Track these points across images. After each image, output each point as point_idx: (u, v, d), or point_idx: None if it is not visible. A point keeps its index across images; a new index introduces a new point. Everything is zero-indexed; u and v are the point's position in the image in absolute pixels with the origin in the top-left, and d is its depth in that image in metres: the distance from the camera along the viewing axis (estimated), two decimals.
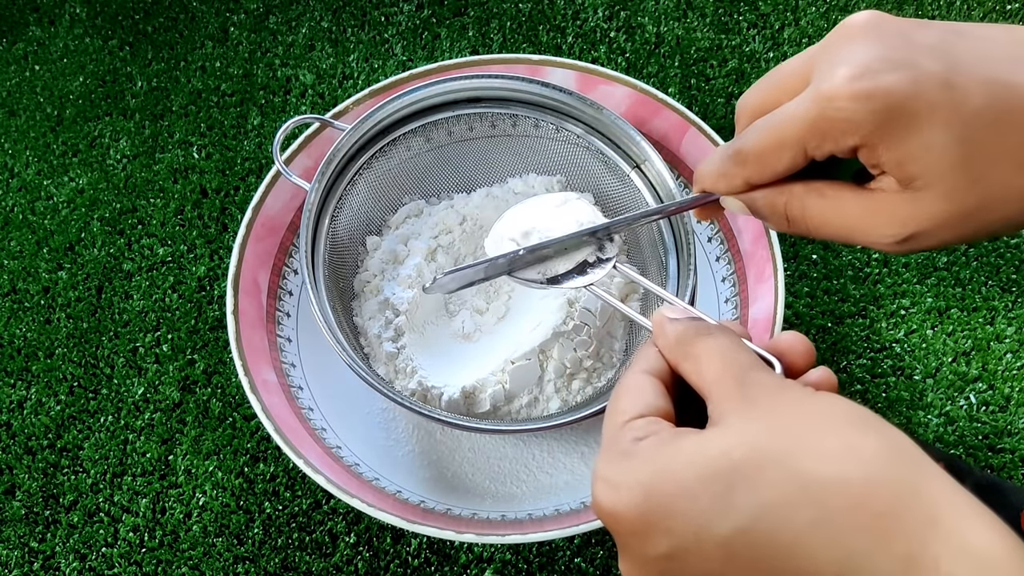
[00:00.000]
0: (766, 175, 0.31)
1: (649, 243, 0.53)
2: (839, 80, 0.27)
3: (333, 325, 0.47)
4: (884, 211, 0.29)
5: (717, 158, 0.33)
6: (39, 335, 0.59)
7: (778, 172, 0.31)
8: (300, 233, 0.48)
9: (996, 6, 0.69)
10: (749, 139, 0.31)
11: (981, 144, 0.27)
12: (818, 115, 0.28)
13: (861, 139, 0.28)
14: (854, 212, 0.30)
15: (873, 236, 0.30)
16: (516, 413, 0.50)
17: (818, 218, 0.31)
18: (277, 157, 0.49)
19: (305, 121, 0.51)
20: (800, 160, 0.30)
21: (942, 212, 0.28)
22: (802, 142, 0.29)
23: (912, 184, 0.28)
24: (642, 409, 0.29)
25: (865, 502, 0.23)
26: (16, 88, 0.69)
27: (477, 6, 0.71)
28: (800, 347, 0.30)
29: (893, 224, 0.29)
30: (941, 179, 0.27)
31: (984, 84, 0.27)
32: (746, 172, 0.32)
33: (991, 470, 0.53)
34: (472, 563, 0.51)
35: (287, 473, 0.54)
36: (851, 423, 0.25)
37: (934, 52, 0.27)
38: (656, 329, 0.31)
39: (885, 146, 0.27)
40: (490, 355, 0.51)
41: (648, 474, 0.26)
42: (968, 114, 0.27)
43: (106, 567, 0.52)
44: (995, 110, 0.27)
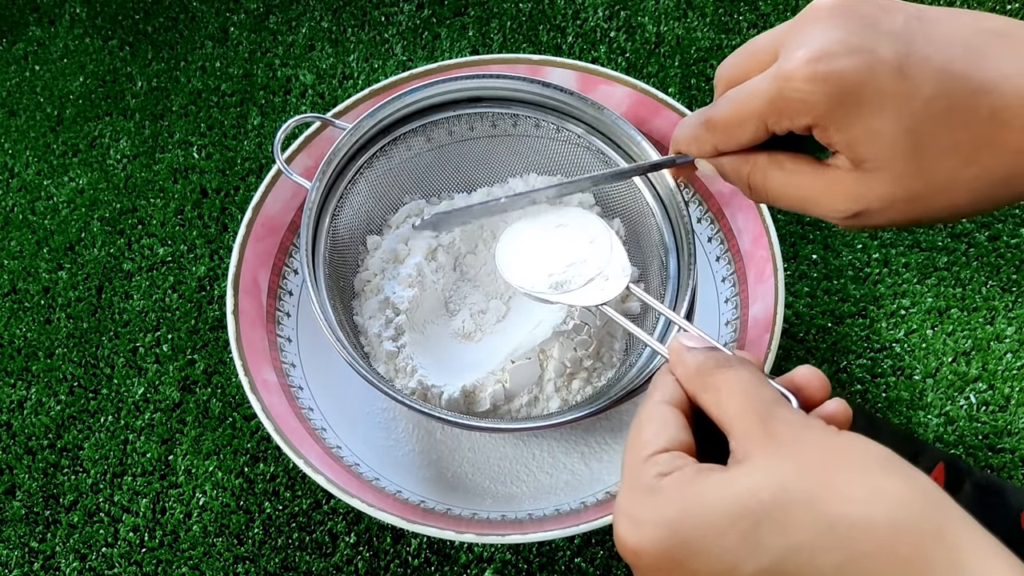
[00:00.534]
0: (731, 144, 0.33)
1: (649, 243, 0.53)
2: (797, 61, 0.28)
3: (333, 324, 0.47)
4: (837, 187, 0.30)
5: (692, 122, 0.35)
6: (39, 335, 0.59)
7: (742, 143, 0.33)
8: (300, 232, 0.48)
9: (996, 6, 0.69)
10: (718, 109, 0.33)
11: (929, 135, 0.27)
12: (776, 93, 0.29)
13: (814, 119, 0.29)
14: (810, 186, 0.31)
15: (825, 209, 0.31)
16: (516, 412, 0.50)
17: (777, 188, 0.33)
18: (278, 156, 0.49)
19: (306, 120, 0.51)
20: (762, 134, 0.31)
21: (888, 194, 0.29)
22: (763, 117, 0.30)
23: (861, 165, 0.29)
24: (666, 443, 0.28)
25: (891, 546, 0.23)
26: (16, 88, 0.69)
27: (477, 6, 0.71)
28: (816, 381, 0.30)
29: (844, 200, 0.30)
30: (888, 164, 0.28)
31: (937, 74, 0.27)
32: (715, 139, 0.34)
33: (991, 470, 0.53)
34: (472, 563, 0.51)
35: (287, 473, 0.54)
36: (877, 464, 0.25)
37: (894, 39, 0.28)
38: (674, 358, 0.31)
39: (836, 128, 0.28)
40: (490, 354, 0.51)
41: (674, 512, 0.26)
42: (918, 104, 0.27)
43: (106, 567, 0.52)
44: (945, 102, 0.27)
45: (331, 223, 0.51)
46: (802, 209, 0.32)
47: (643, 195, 0.52)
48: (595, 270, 0.44)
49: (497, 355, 0.50)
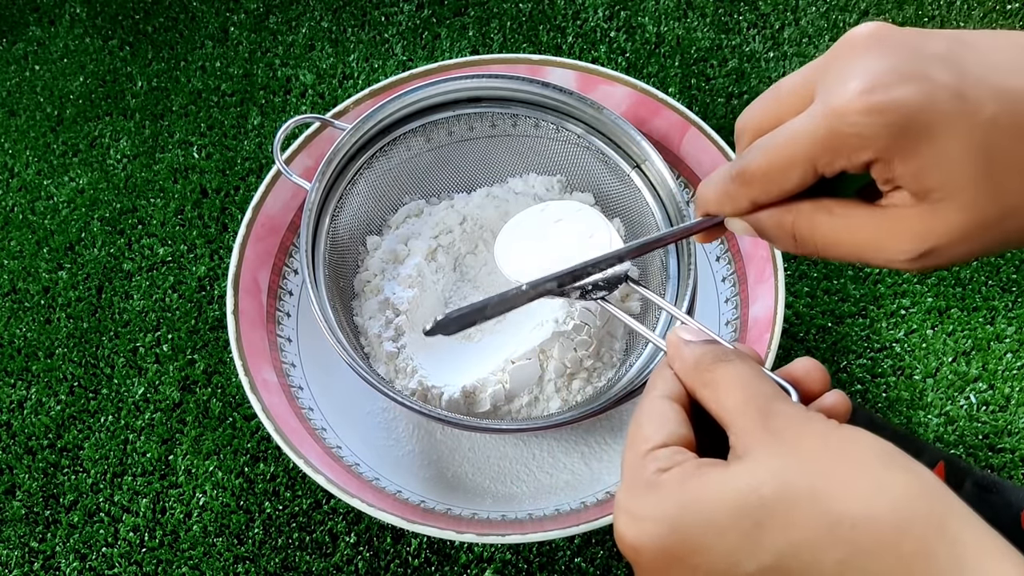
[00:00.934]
0: (773, 194, 0.31)
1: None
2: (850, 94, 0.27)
3: (333, 324, 0.47)
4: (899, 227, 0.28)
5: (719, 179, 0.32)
6: (39, 335, 0.59)
7: (786, 191, 0.30)
8: (300, 233, 0.48)
9: (996, 5, 0.69)
10: (754, 158, 0.30)
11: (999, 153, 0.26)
12: (829, 131, 0.27)
13: (875, 153, 0.27)
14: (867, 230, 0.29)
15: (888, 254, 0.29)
16: (516, 413, 0.50)
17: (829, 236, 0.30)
18: (277, 157, 0.49)
19: (305, 121, 0.51)
20: (810, 178, 0.29)
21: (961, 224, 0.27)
22: (812, 159, 0.28)
23: (929, 197, 0.27)
24: (665, 437, 0.28)
25: (894, 542, 0.23)
26: (16, 88, 0.69)
27: (477, 6, 0.71)
28: (816, 373, 0.30)
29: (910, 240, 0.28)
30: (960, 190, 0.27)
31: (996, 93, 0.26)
32: (752, 193, 0.31)
33: (991, 470, 0.53)
34: (472, 563, 0.51)
35: (287, 473, 0.54)
36: (879, 459, 0.25)
37: (943, 63, 0.27)
38: (672, 352, 0.31)
39: (900, 159, 0.27)
40: (490, 355, 0.51)
41: (674, 508, 0.26)
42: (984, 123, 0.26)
43: (106, 567, 0.52)
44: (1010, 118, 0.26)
45: (331, 223, 0.51)
46: (859, 257, 0.30)
47: (643, 195, 0.52)
48: None
49: (497, 355, 0.50)
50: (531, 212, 0.48)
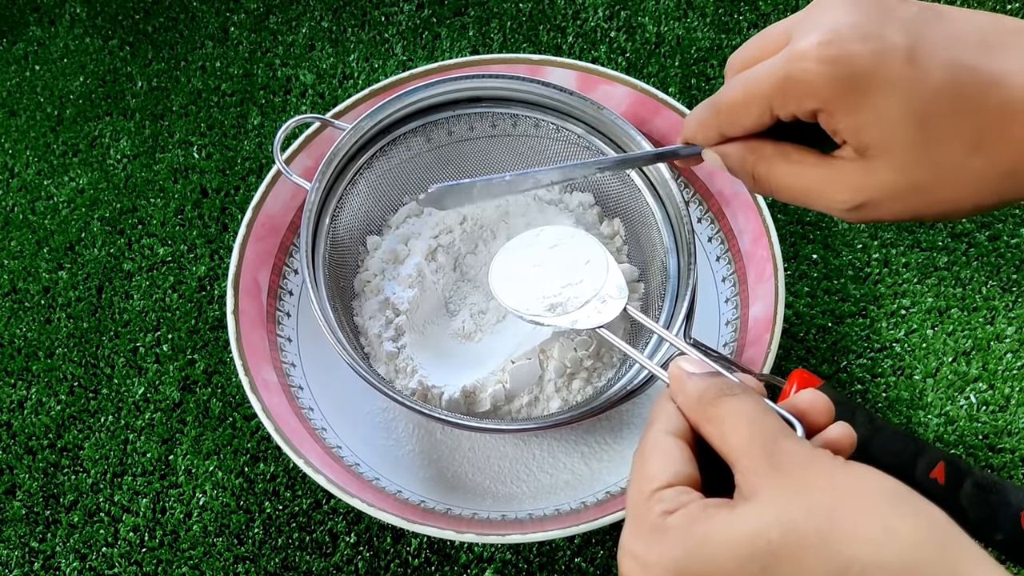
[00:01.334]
0: (736, 128, 0.32)
1: (649, 243, 0.53)
2: (808, 43, 0.28)
3: (334, 325, 0.47)
4: (839, 178, 0.30)
5: (701, 108, 0.34)
6: (39, 335, 0.59)
7: (746, 127, 0.32)
8: (300, 232, 0.48)
9: (996, 6, 0.69)
10: (725, 92, 0.32)
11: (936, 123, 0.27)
12: (785, 75, 0.29)
13: (820, 103, 0.28)
14: (814, 177, 0.31)
15: (827, 201, 0.31)
16: (516, 412, 0.50)
17: (780, 179, 0.32)
18: (278, 156, 0.49)
19: (305, 121, 0.51)
20: (766, 118, 0.31)
21: (892, 183, 0.29)
22: (768, 99, 0.30)
23: (866, 153, 0.29)
24: (671, 477, 0.28)
25: None
26: (16, 88, 0.69)
27: (477, 6, 0.71)
28: (820, 405, 0.30)
29: (847, 191, 0.30)
30: (894, 151, 0.28)
31: (947, 64, 0.27)
32: (719, 123, 0.33)
33: (991, 470, 0.53)
34: (472, 563, 0.51)
35: (287, 473, 0.54)
36: (887, 500, 0.25)
37: (905, 27, 0.28)
38: (675, 385, 0.31)
39: (842, 113, 0.28)
40: (490, 355, 0.51)
41: (680, 553, 0.25)
42: (927, 92, 0.27)
43: (106, 567, 0.52)
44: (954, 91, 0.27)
45: (331, 223, 0.51)
46: (804, 201, 0.32)
47: (643, 195, 0.52)
48: (591, 291, 0.43)
49: (497, 355, 0.50)
50: (526, 237, 0.48)
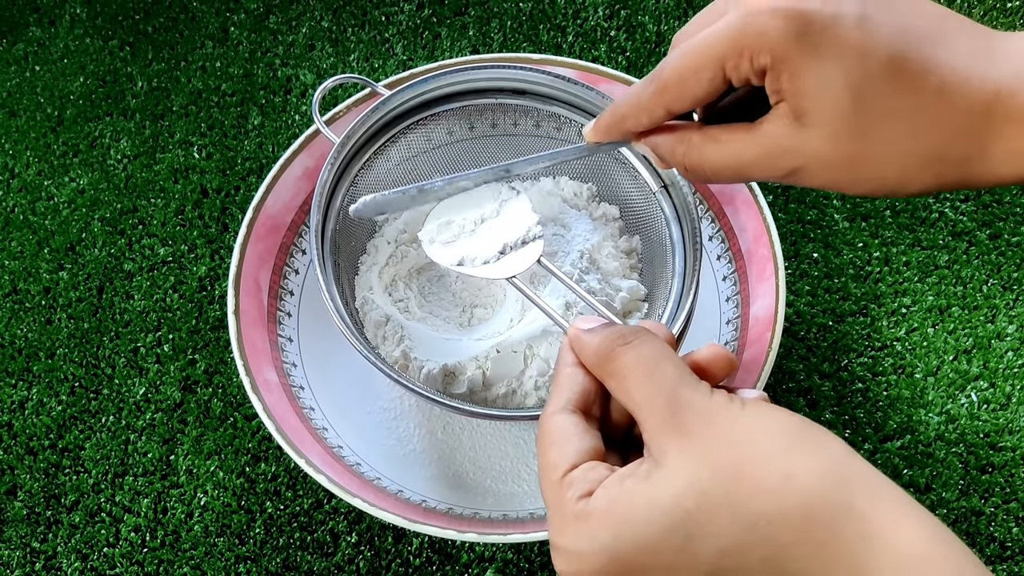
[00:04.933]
0: (687, 100, 0.31)
1: (662, 264, 0.52)
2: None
3: (337, 300, 0.47)
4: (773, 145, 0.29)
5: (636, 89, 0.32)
6: (40, 335, 0.59)
7: (698, 96, 0.30)
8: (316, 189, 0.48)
9: (996, 4, 0.69)
10: (669, 62, 0.30)
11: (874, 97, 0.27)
12: (738, 30, 0.28)
13: (772, 58, 0.28)
14: (746, 151, 0.30)
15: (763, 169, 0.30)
16: (492, 401, 0.50)
17: (714, 162, 0.31)
18: (317, 116, 0.49)
19: (351, 81, 0.51)
20: (719, 82, 0.29)
21: (823, 152, 0.28)
22: (721, 60, 0.29)
23: (802, 119, 0.28)
24: (572, 458, 0.28)
25: (806, 532, 0.24)
26: (16, 88, 0.69)
27: (478, 5, 0.71)
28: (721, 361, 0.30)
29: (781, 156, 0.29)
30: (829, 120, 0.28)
31: (894, 38, 0.27)
32: (666, 99, 0.31)
33: (992, 468, 0.53)
34: (474, 562, 0.51)
35: (288, 473, 0.54)
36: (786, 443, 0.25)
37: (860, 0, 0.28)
38: (574, 345, 0.31)
39: (789, 73, 0.28)
40: (479, 341, 0.51)
41: (607, 536, 0.26)
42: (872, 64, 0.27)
43: (108, 567, 0.52)
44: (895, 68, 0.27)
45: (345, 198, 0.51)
46: (741, 177, 0.31)
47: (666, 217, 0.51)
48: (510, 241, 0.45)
49: (484, 342, 0.50)
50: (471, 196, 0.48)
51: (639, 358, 0.28)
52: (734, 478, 0.25)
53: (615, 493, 0.26)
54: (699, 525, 0.25)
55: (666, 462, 0.26)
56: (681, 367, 0.28)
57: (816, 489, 0.24)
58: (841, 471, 0.25)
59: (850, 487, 0.24)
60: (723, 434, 0.26)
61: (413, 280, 0.54)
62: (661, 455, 0.26)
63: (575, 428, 0.29)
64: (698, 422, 0.26)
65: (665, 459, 0.26)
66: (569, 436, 0.29)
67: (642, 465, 0.27)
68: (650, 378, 0.28)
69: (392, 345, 0.50)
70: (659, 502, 0.25)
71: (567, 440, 0.29)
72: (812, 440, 0.26)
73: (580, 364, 0.31)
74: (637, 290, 0.53)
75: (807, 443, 0.25)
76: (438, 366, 0.49)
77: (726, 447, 0.26)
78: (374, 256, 0.54)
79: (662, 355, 0.28)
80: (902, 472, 0.53)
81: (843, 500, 0.24)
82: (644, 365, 0.28)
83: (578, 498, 0.27)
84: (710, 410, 0.27)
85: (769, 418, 0.26)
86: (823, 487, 0.24)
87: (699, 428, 0.26)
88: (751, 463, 0.25)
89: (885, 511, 0.24)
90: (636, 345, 0.29)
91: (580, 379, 0.30)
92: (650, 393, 0.27)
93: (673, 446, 0.26)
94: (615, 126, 0.34)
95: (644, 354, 0.28)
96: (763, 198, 0.53)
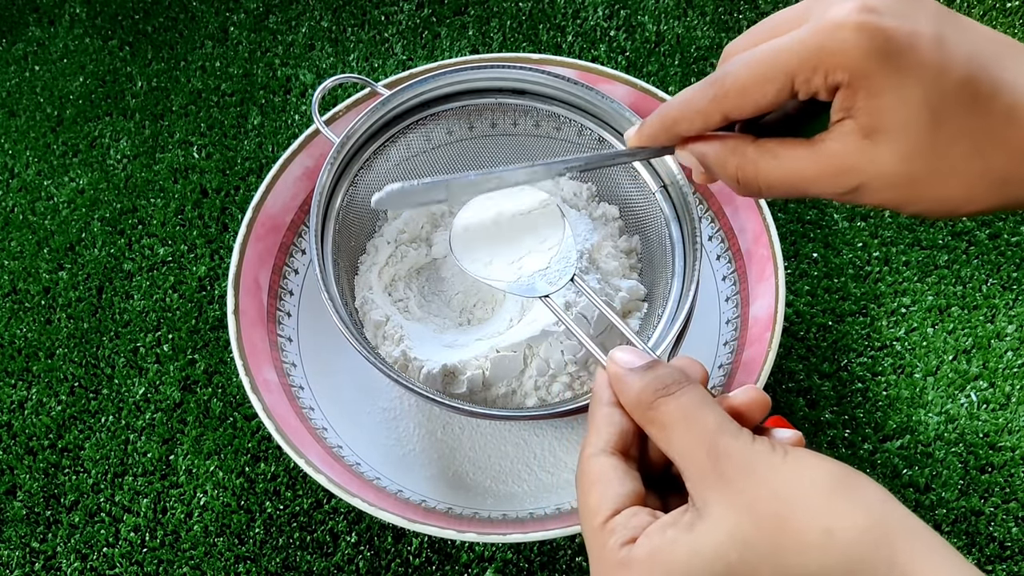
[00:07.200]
0: (746, 109, 0.30)
1: (661, 265, 0.52)
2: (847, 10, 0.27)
3: (337, 300, 0.47)
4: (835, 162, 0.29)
5: (690, 93, 0.31)
6: (40, 335, 0.59)
7: (760, 107, 0.30)
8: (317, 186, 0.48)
9: (996, 3, 0.69)
10: (732, 69, 0.30)
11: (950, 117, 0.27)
12: (816, 45, 0.28)
13: (850, 76, 0.27)
14: (806, 167, 0.30)
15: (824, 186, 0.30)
16: (492, 401, 0.50)
17: (771, 176, 0.31)
18: (316, 116, 0.49)
19: (351, 81, 0.51)
20: (784, 95, 0.29)
21: (892, 170, 0.28)
22: (792, 74, 0.28)
23: (873, 135, 0.28)
24: (614, 503, 0.28)
25: None
26: (16, 88, 0.69)
27: (477, 5, 0.71)
28: (758, 403, 0.30)
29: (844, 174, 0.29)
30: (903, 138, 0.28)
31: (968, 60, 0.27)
32: (725, 106, 0.30)
33: (992, 468, 0.53)
34: (473, 562, 0.51)
35: (288, 473, 0.54)
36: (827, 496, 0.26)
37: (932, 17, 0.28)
38: (615, 386, 0.31)
39: (867, 92, 0.27)
40: (479, 341, 0.51)
41: None
42: (949, 84, 0.27)
43: (107, 567, 0.52)
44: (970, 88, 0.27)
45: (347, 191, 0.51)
46: (798, 192, 0.31)
47: (665, 217, 0.51)
48: (544, 262, 0.43)
49: (485, 342, 0.50)
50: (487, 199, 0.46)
51: (680, 408, 0.28)
52: (777, 531, 0.25)
53: (658, 542, 0.26)
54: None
55: (708, 512, 0.26)
56: (721, 415, 0.28)
57: (858, 545, 0.25)
58: (882, 524, 0.25)
59: (891, 542, 0.25)
60: (765, 485, 0.26)
61: (413, 280, 0.54)
62: (704, 505, 0.26)
63: (615, 471, 0.29)
64: (740, 472, 0.26)
65: (708, 509, 0.26)
66: (610, 479, 0.29)
67: (685, 514, 0.27)
68: (691, 428, 0.28)
69: (392, 345, 0.50)
70: (702, 552, 0.26)
71: (608, 484, 0.28)
72: (852, 489, 0.26)
73: (618, 404, 0.30)
74: (637, 290, 0.53)
75: (847, 493, 0.26)
76: (438, 366, 0.49)
77: (768, 499, 0.26)
78: (374, 256, 0.54)
79: (703, 403, 0.28)
80: (902, 472, 0.53)
81: (885, 556, 0.24)
82: (685, 415, 0.28)
83: (620, 545, 0.27)
84: (751, 460, 0.27)
85: (810, 469, 0.26)
86: (865, 542, 0.25)
87: (741, 478, 0.26)
88: (793, 517, 0.25)
89: (924, 563, 0.24)
90: (678, 396, 0.29)
91: (618, 420, 0.30)
92: (691, 443, 0.28)
93: (715, 496, 0.26)
94: (664, 130, 0.33)
95: (685, 404, 0.28)
96: None
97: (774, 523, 0.25)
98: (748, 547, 0.25)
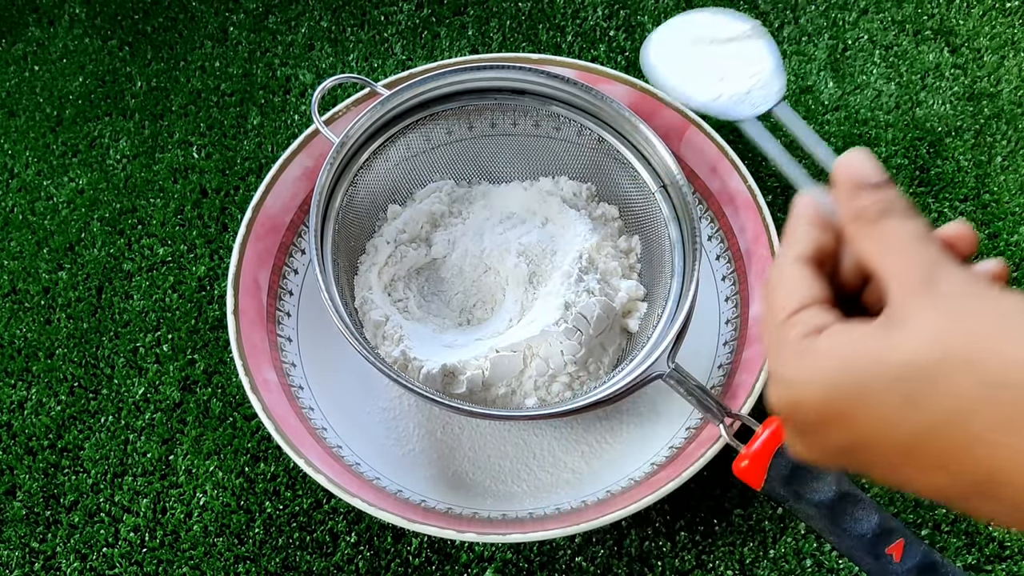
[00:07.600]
0: None
1: (660, 265, 0.53)
2: None
3: (337, 300, 0.47)
4: None
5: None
6: (39, 335, 0.59)
7: None
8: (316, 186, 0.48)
9: (995, 3, 0.69)
10: None
11: None
12: None
13: None
14: None
15: None
16: (492, 401, 0.50)
17: None
18: (316, 116, 0.49)
19: (350, 81, 0.51)
20: None
21: None
22: None
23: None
24: (801, 300, 0.28)
25: None
26: (16, 88, 0.69)
27: (477, 5, 0.71)
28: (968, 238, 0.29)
29: None
30: None
31: None
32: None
33: None
34: (473, 562, 0.51)
35: (288, 473, 0.54)
36: None
37: None
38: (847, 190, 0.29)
39: None
40: (479, 341, 0.51)
41: (830, 374, 0.26)
42: None
43: (107, 567, 0.52)
44: None
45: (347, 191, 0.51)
46: None
47: (664, 218, 0.51)
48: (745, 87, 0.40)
49: (484, 343, 0.51)
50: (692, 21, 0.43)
51: (908, 231, 0.27)
52: (985, 348, 0.24)
53: (844, 338, 0.26)
54: (932, 382, 0.24)
55: (910, 322, 0.25)
56: (942, 252, 0.27)
57: None
58: None
59: None
60: (979, 308, 0.25)
61: (412, 280, 0.55)
62: (905, 316, 0.25)
63: (808, 277, 0.29)
64: (953, 294, 0.25)
65: (910, 320, 0.25)
66: (801, 282, 0.28)
67: (878, 321, 0.26)
68: (910, 248, 0.27)
69: (391, 345, 0.50)
70: (892, 355, 0.25)
71: (798, 286, 0.28)
72: None
73: (819, 224, 0.30)
74: (636, 290, 0.53)
75: None
76: (437, 366, 0.49)
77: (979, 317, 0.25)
78: (373, 256, 0.54)
79: (928, 235, 0.28)
80: None
81: None
82: (911, 235, 0.27)
83: (803, 336, 0.27)
84: (968, 285, 0.26)
85: None
86: None
87: (954, 299, 0.25)
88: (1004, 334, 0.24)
89: None
90: (904, 219, 0.28)
91: (817, 235, 0.30)
92: (909, 264, 0.27)
93: (921, 311, 0.25)
94: None
95: (912, 229, 0.28)
96: (763, 198, 0.53)
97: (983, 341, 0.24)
98: (948, 354, 0.24)
